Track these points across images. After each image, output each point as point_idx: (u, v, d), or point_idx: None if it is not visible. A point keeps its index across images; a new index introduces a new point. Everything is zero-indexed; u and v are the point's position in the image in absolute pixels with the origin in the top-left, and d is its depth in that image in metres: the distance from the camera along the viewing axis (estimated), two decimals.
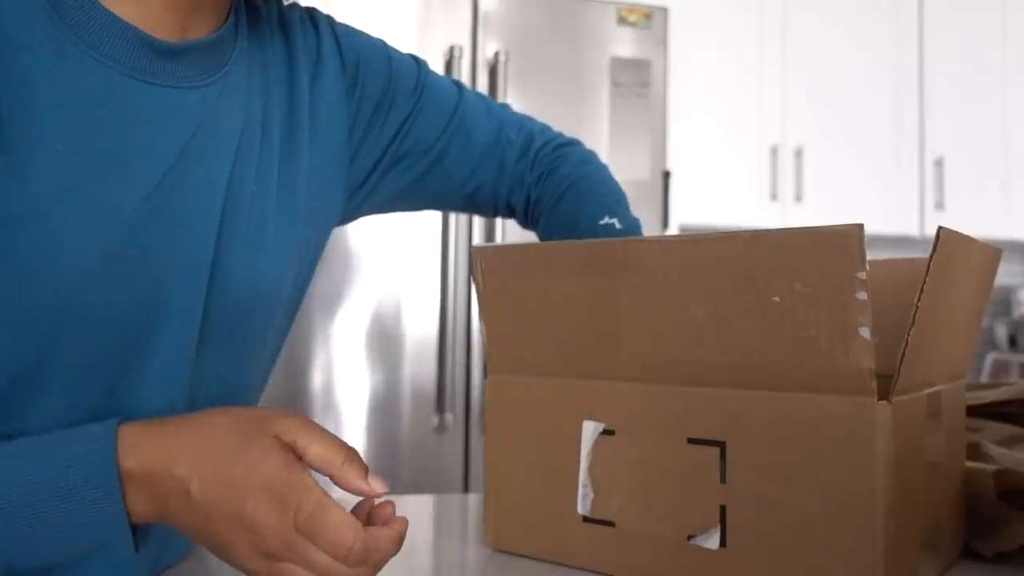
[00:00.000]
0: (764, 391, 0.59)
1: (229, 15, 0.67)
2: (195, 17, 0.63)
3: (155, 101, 0.60)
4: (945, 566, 0.69)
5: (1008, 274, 3.17)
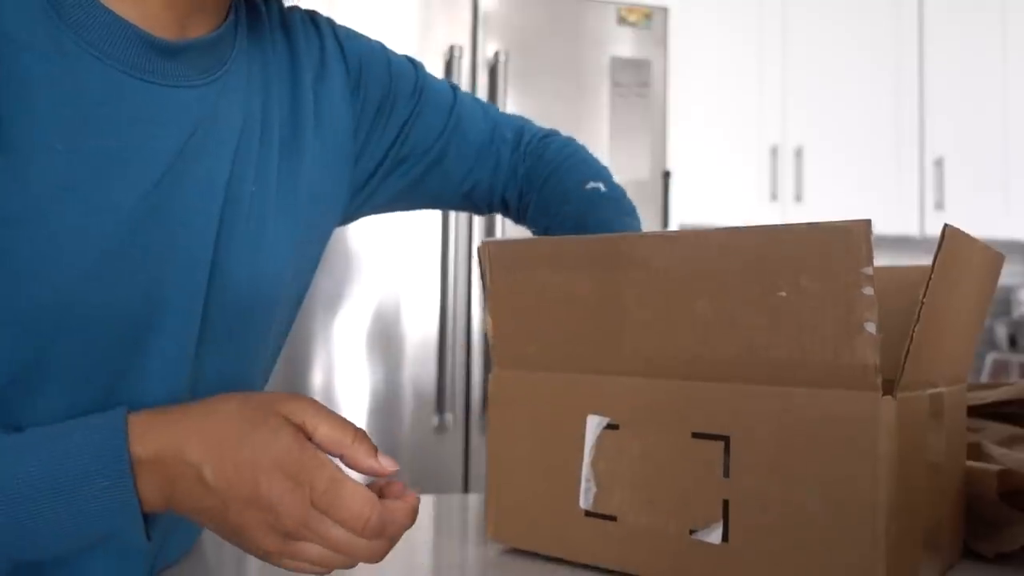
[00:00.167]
0: (769, 386, 0.59)
1: (229, 14, 0.67)
2: (194, 16, 0.63)
3: (154, 100, 0.60)
4: (946, 566, 0.69)
5: (1008, 274, 3.16)
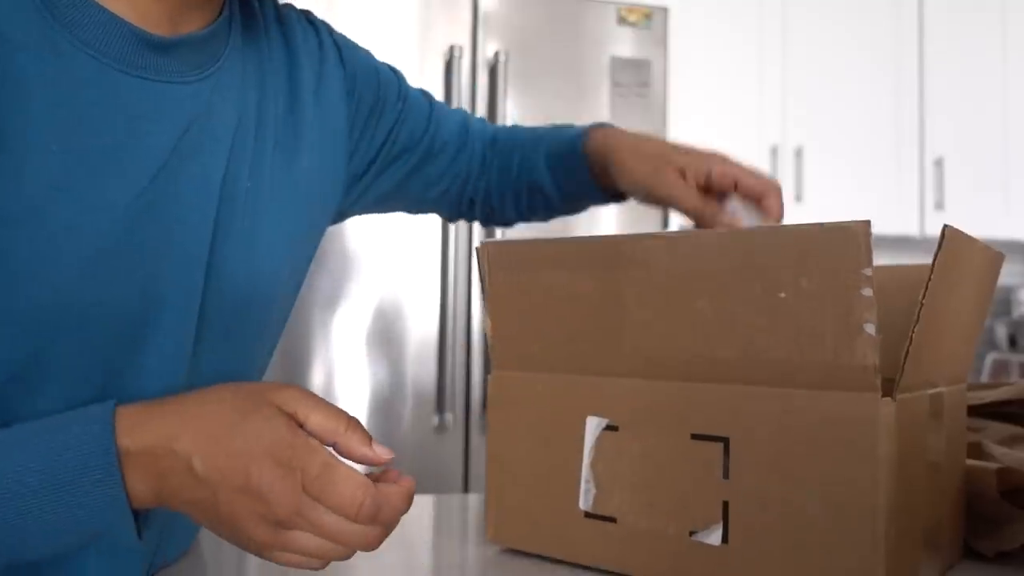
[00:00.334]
0: (768, 387, 0.59)
1: (223, 11, 0.67)
2: (187, 12, 0.63)
3: (149, 96, 0.60)
4: (947, 566, 0.69)
5: (1008, 274, 3.16)
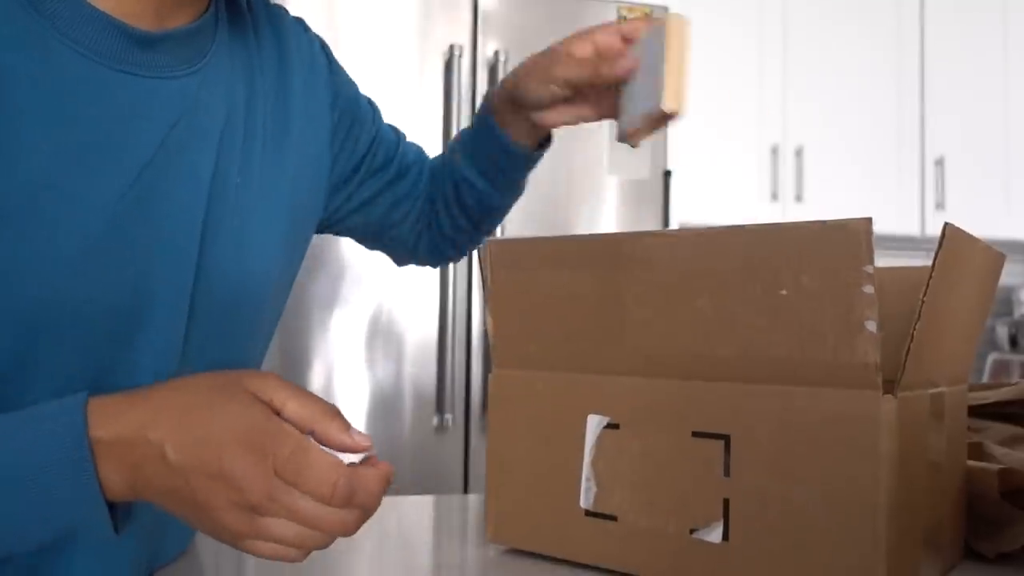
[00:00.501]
0: (769, 385, 0.59)
1: (209, 6, 0.67)
2: (172, 6, 0.63)
3: (135, 92, 0.60)
4: (947, 567, 0.69)
5: (1009, 274, 3.16)
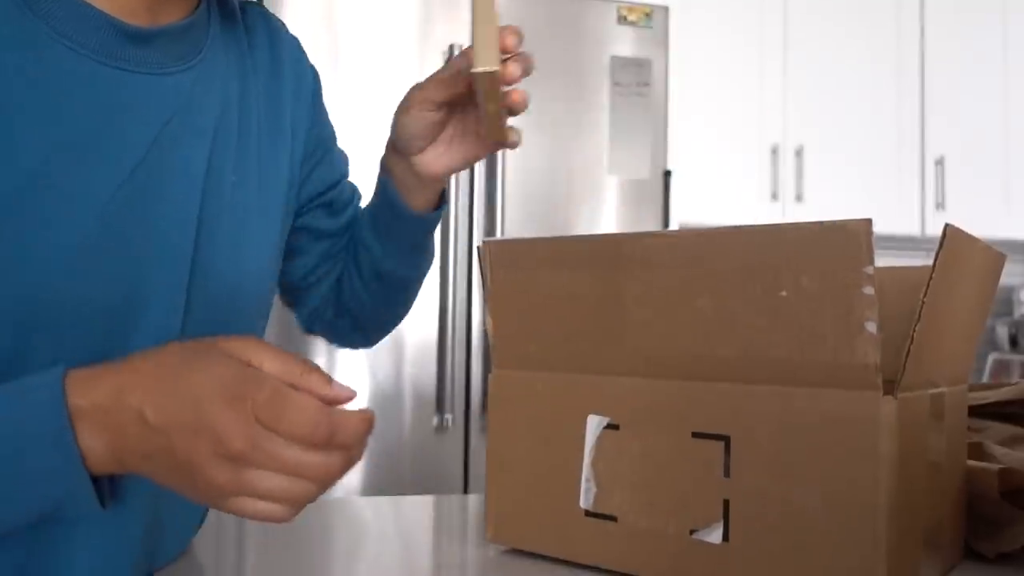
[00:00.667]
0: (769, 386, 0.59)
1: (200, 3, 0.67)
2: (165, 2, 0.63)
3: (128, 88, 0.60)
4: (947, 567, 0.69)
5: (1009, 274, 3.16)
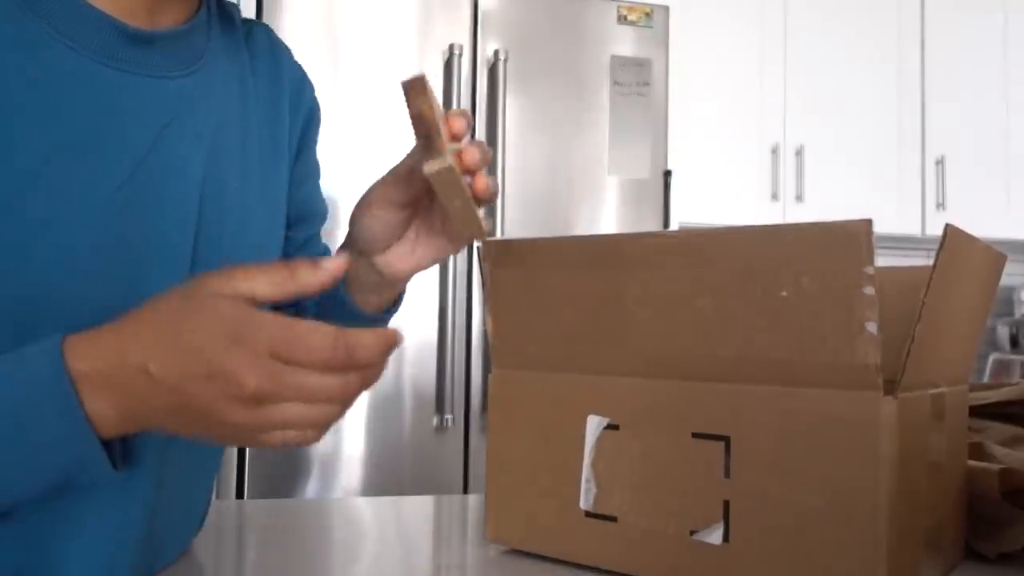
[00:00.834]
0: (770, 386, 0.59)
1: (200, 7, 0.67)
2: (164, 5, 0.63)
3: (129, 90, 0.60)
4: (948, 567, 0.68)
5: (1010, 274, 3.16)
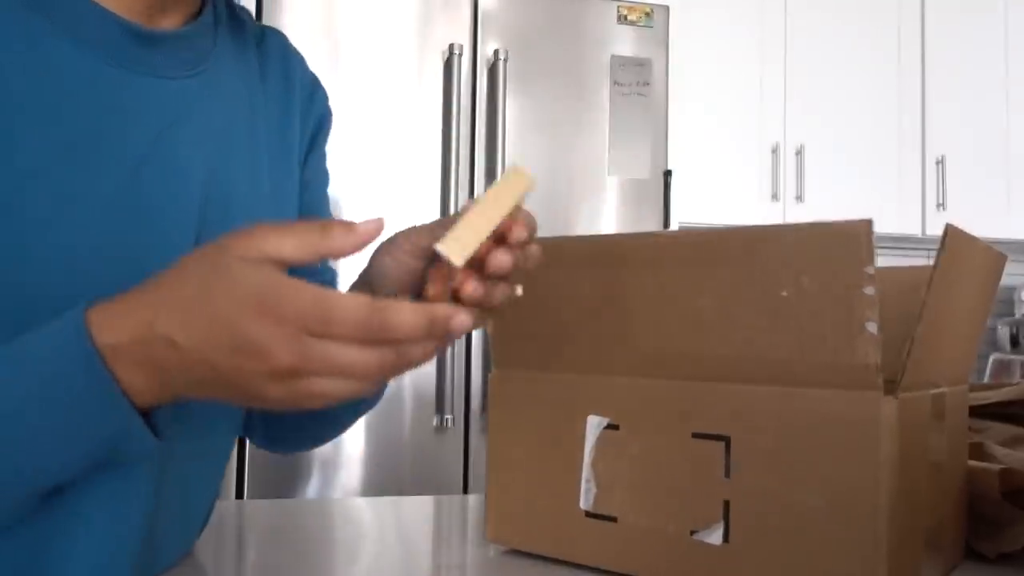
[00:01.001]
0: (770, 386, 0.59)
1: (204, 9, 0.67)
2: (166, 6, 0.63)
3: (132, 89, 0.60)
4: (948, 567, 0.68)
5: (1010, 274, 3.15)
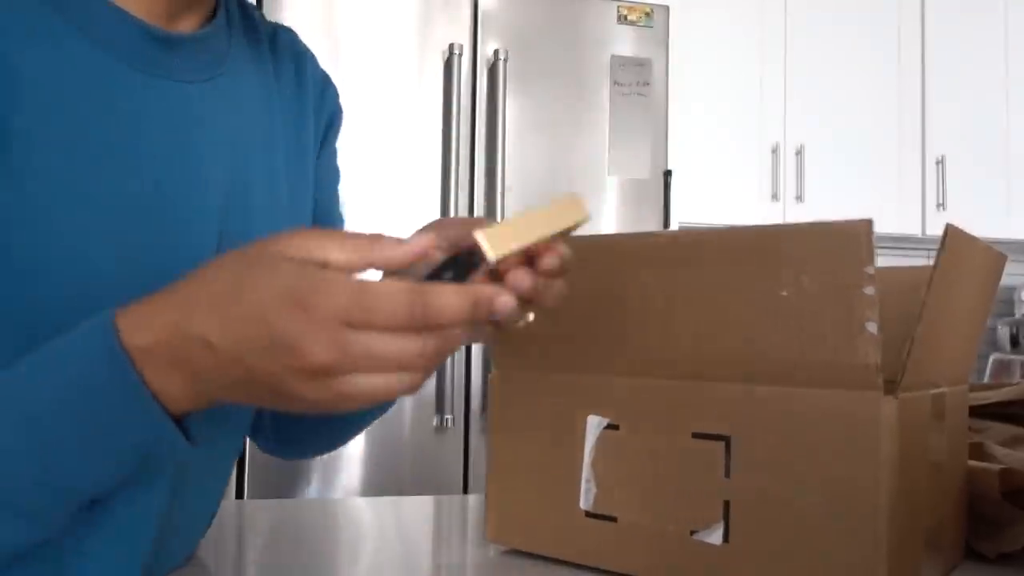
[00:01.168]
0: (770, 386, 0.59)
1: (218, 12, 0.67)
2: (184, 7, 0.63)
3: (152, 93, 0.60)
4: (948, 567, 0.68)
5: (1010, 274, 3.15)
